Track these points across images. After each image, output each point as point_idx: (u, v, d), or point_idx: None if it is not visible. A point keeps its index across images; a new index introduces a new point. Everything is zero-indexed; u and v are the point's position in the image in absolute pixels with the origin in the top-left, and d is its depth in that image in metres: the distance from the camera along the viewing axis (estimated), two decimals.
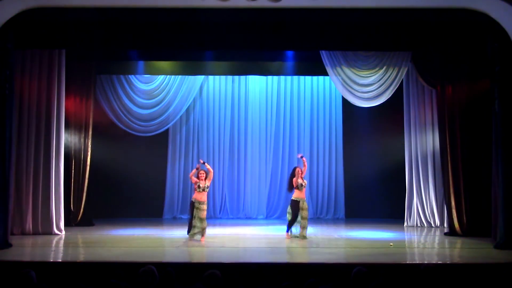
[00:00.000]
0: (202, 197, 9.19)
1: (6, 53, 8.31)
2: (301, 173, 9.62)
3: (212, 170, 9.46)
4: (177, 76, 12.82)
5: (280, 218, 13.46)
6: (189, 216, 9.38)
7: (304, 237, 9.37)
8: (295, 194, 9.57)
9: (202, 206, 9.15)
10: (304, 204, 9.49)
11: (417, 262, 7.54)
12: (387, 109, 12.32)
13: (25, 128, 9.78)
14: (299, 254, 8.22)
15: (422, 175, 11.55)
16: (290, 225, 9.58)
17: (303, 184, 9.56)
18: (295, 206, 9.47)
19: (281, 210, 13.69)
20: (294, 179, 9.59)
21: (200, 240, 9.05)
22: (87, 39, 9.08)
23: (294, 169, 9.80)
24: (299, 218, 9.47)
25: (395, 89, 11.00)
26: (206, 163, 9.43)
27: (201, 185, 9.15)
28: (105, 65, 11.82)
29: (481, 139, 9.56)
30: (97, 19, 8.62)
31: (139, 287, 4.54)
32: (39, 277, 4.63)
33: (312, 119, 13.95)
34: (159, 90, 12.88)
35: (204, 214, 9.15)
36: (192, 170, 9.86)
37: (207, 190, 9.31)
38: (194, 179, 9.25)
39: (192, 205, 9.20)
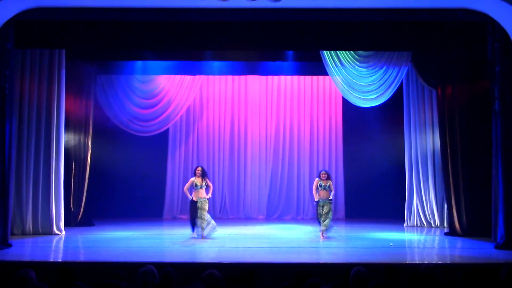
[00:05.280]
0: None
1: (6, 53, 8.31)
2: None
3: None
4: (177, 76, 12.82)
5: (280, 218, 13.48)
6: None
7: (203, 237, 9.32)
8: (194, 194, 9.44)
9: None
10: (203, 205, 9.37)
11: (417, 262, 7.54)
12: (387, 109, 12.33)
13: (25, 128, 9.78)
14: (299, 254, 8.22)
15: (422, 175, 11.54)
16: (192, 224, 9.47)
17: (198, 184, 9.39)
18: (193, 205, 9.39)
19: (281, 210, 13.70)
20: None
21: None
22: (87, 39, 9.08)
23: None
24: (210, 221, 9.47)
25: (395, 89, 11.01)
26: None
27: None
28: (105, 65, 11.83)
29: (481, 139, 9.56)
30: (97, 19, 8.62)
31: (139, 287, 4.53)
32: (39, 277, 4.62)
33: (312, 119, 13.95)
34: (159, 90, 12.89)
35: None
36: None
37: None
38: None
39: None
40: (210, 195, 9.63)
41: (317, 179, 9.71)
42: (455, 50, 9.79)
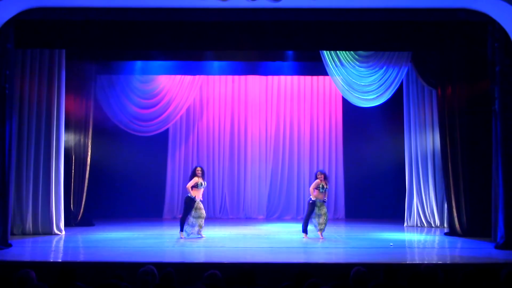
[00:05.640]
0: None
1: (6, 53, 8.30)
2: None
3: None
4: (177, 76, 12.82)
5: (280, 218, 13.48)
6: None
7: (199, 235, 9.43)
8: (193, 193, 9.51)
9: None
10: (200, 204, 9.50)
11: (417, 262, 7.54)
12: (387, 109, 12.34)
13: (25, 128, 9.77)
14: (299, 254, 8.22)
15: (422, 175, 11.54)
16: (181, 223, 9.53)
17: (203, 184, 9.52)
18: (191, 204, 9.47)
19: (281, 210, 13.71)
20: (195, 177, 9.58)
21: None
22: (87, 39, 9.08)
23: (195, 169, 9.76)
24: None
25: (395, 89, 11.01)
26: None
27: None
28: (105, 65, 11.82)
29: (481, 139, 9.56)
30: (97, 19, 8.61)
31: (139, 287, 4.54)
32: (39, 277, 4.63)
33: (312, 119, 13.96)
34: (159, 90, 12.89)
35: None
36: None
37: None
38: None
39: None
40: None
41: (318, 180, 9.66)
42: (455, 50, 9.78)
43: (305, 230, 9.61)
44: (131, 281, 4.75)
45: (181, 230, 9.50)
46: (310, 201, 9.63)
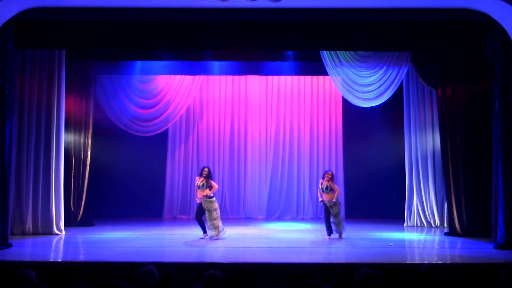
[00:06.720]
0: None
1: (6, 53, 8.31)
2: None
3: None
4: (177, 76, 12.82)
5: (280, 218, 13.47)
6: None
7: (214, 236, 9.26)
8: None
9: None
10: (207, 205, 9.25)
11: (417, 262, 7.54)
12: (387, 109, 12.34)
13: (25, 128, 9.78)
14: (299, 254, 8.22)
15: (422, 175, 11.54)
16: (201, 227, 9.47)
17: (199, 184, 9.35)
18: (199, 206, 9.43)
19: (281, 210, 13.70)
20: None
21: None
22: (87, 39, 9.08)
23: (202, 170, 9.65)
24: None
25: (395, 89, 11.01)
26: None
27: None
28: (105, 65, 11.81)
29: (481, 139, 9.56)
30: (97, 19, 8.62)
31: (139, 287, 4.54)
32: (39, 277, 4.62)
33: (312, 119, 13.95)
34: (159, 90, 12.88)
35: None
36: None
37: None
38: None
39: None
40: (211, 193, 9.44)
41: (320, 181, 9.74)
42: (455, 50, 9.79)
43: (328, 232, 9.59)
44: (131, 281, 4.75)
45: (203, 231, 9.46)
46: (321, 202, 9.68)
